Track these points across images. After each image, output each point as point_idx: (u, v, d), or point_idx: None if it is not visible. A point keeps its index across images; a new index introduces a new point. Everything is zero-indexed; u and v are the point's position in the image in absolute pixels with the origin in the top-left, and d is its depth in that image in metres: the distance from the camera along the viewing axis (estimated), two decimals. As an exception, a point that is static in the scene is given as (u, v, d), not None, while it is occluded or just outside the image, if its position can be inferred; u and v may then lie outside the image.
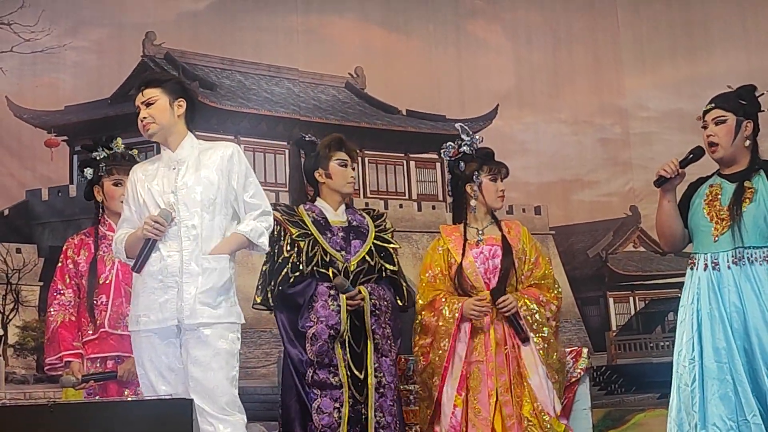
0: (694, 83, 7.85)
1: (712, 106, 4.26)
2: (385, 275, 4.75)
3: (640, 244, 8.31)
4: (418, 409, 4.83)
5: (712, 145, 4.23)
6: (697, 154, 4.28)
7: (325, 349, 4.51)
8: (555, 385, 4.58)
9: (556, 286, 4.77)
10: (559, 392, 4.61)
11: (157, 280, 4.01)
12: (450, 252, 4.72)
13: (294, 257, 4.58)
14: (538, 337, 4.58)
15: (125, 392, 4.55)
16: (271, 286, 4.59)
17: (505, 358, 4.57)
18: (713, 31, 8.09)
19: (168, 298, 4.00)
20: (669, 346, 5.95)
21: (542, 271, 4.74)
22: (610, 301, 8.38)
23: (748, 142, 4.22)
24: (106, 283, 4.67)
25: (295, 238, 4.60)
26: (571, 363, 5.02)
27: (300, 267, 4.56)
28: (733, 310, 4.11)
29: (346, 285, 4.56)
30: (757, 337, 4.05)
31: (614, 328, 8.29)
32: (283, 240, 4.62)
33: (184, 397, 3.81)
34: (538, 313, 4.60)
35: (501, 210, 4.89)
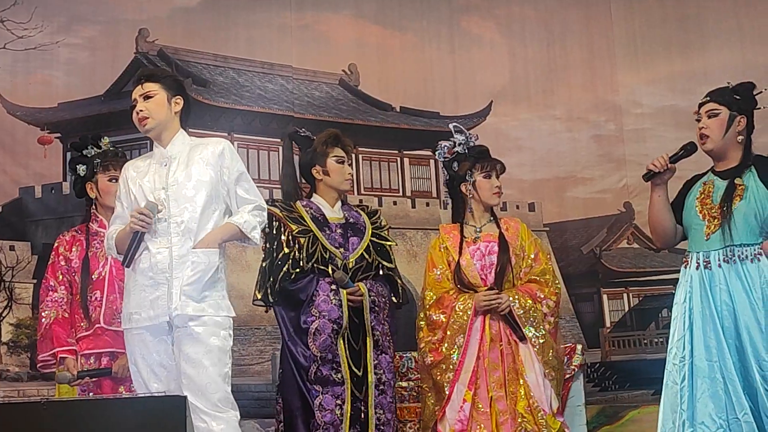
0: (688, 79, 7.85)
1: (707, 99, 4.26)
2: (382, 272, 4.74)
3: (634, 241, 8.31)
4: (421, 406, 4.80)
5: (703, 137, 4.23)
6: (689, 149, 4.27)
7: (329, 344, 4.49)
8: (552, 382, 4.55)
9: (556, 282, 4.74)
10: (556, 389, 4.59)
11: (148, 277, 4.00)
12: (448, 250, 4.70)
13: (295, 253, 4.56)
14: (534, 333, 4.56)
15: (120, 389, 4.54)
16: (271, 282, 4.56)
17: (500, 354, 4.54)
18: (707, 27, 8.08)
19: (159, 295, 3.98)
20: (663, 343, 5.94)
21: (542, 267, 4.72)
22: (604, 297, 8.38)
23: (740, 138, 4.22)
24: (100, 279, 4.64)
25: (296, 235, 4.59)
26: (566, 360, 5.01)
27: (300, 263, 4.55)
28: (724, 308, 4.10)
29: (346, 279, 4.56)
30: (748, 335, 4.04)
31: (608, 324, 8.29)
32: (283, 236, 4.60)
33: (178, 395, 3.80)
34: (533, 308, 4.58)
35: (495, 207, 4.87)
